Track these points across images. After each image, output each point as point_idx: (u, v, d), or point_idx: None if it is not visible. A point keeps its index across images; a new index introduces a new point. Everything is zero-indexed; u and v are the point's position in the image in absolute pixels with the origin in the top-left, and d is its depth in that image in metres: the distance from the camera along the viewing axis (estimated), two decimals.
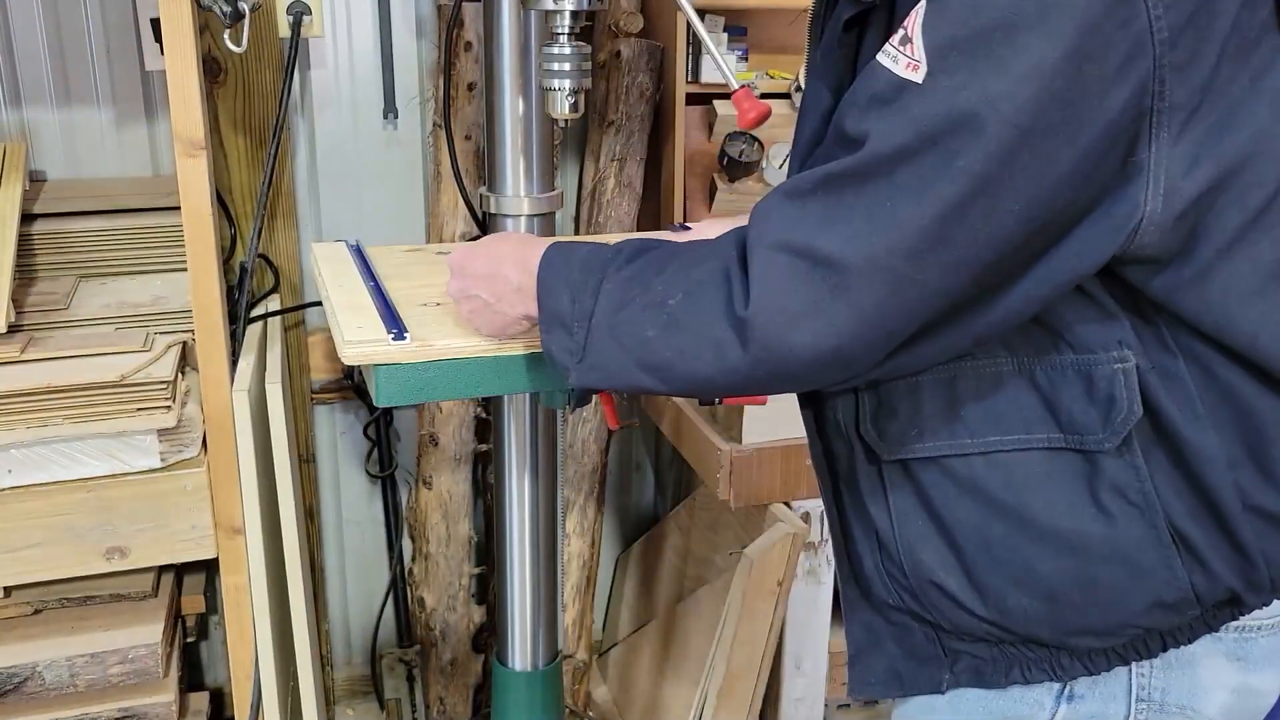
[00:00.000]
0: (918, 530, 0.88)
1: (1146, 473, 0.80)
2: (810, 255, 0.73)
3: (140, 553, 1.43)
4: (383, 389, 1.03)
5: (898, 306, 0.73)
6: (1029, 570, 0.83)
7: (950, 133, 0.69)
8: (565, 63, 1.30)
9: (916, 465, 0.87)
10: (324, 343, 2.01)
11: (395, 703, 2.24)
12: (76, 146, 1.83)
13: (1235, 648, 0.86)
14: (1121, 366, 0.78)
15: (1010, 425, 0.82)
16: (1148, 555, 0.81)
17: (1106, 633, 0.85)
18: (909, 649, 0.94)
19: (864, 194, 0.72)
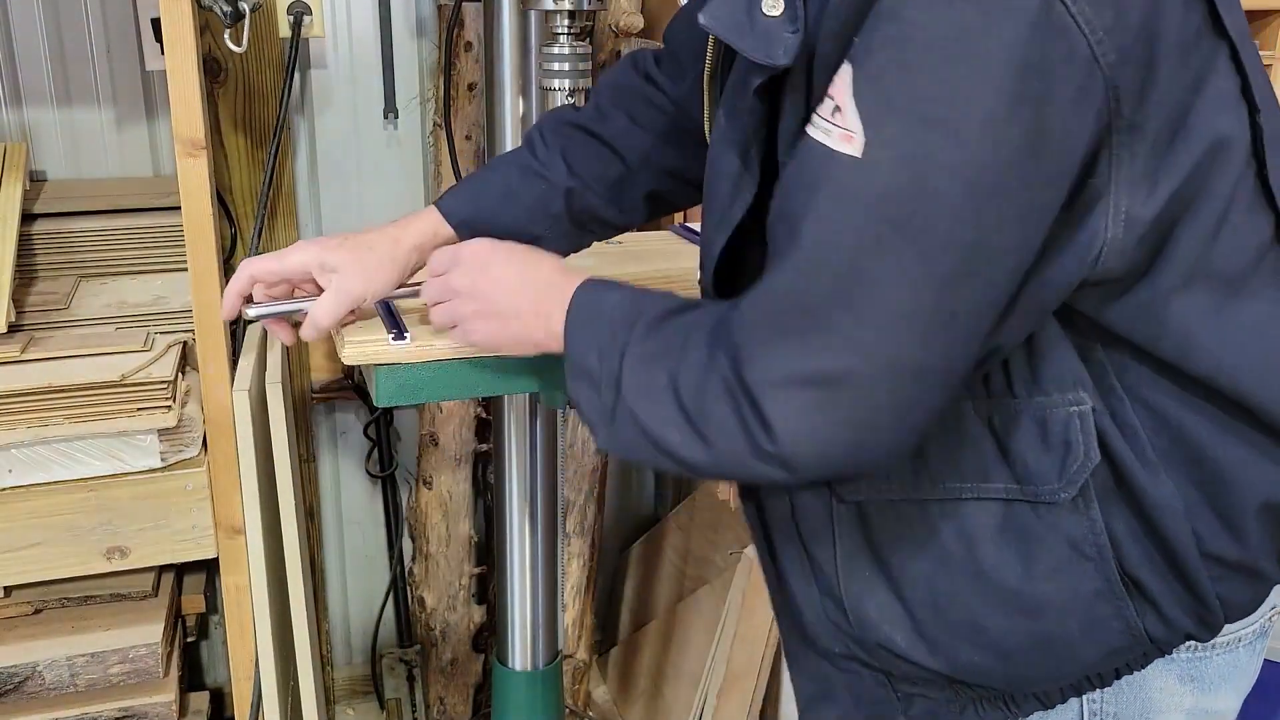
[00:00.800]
0: (864, 580, 0.84)
1: (1102, 525, 0.76)
2: (820, 381, 0.68)
3: (140, 553, 1.43)
4: (383, 389, 1.04)
5: (924, 391, 0.69)
6: (979, 629, 0.80)
7: (911, 212, 0.64)
8: (565, 63, 1.30)
9: (872, 509, 0.82)
10: (324, 343, 2.00)
11: (395, 703, 2.24)
12: (76, 146, 1.83)
13: (1188, 668, 0.83)
14: (1077, 410, 0.75)
15: (968, 472, 0.78)
16: (1101, 607, 0.78)
17: (1060, 679, 0.83)
18: (860, 696, 0.90)
19: (851, 298, 0.67)
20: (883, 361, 0.67)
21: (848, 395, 0.68)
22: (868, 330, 0.66)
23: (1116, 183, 0.68)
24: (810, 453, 0.70)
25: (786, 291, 0.70)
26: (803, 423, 0.69)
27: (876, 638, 0.84)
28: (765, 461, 0.71)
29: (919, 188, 0.64)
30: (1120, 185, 0.68)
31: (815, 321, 0.68)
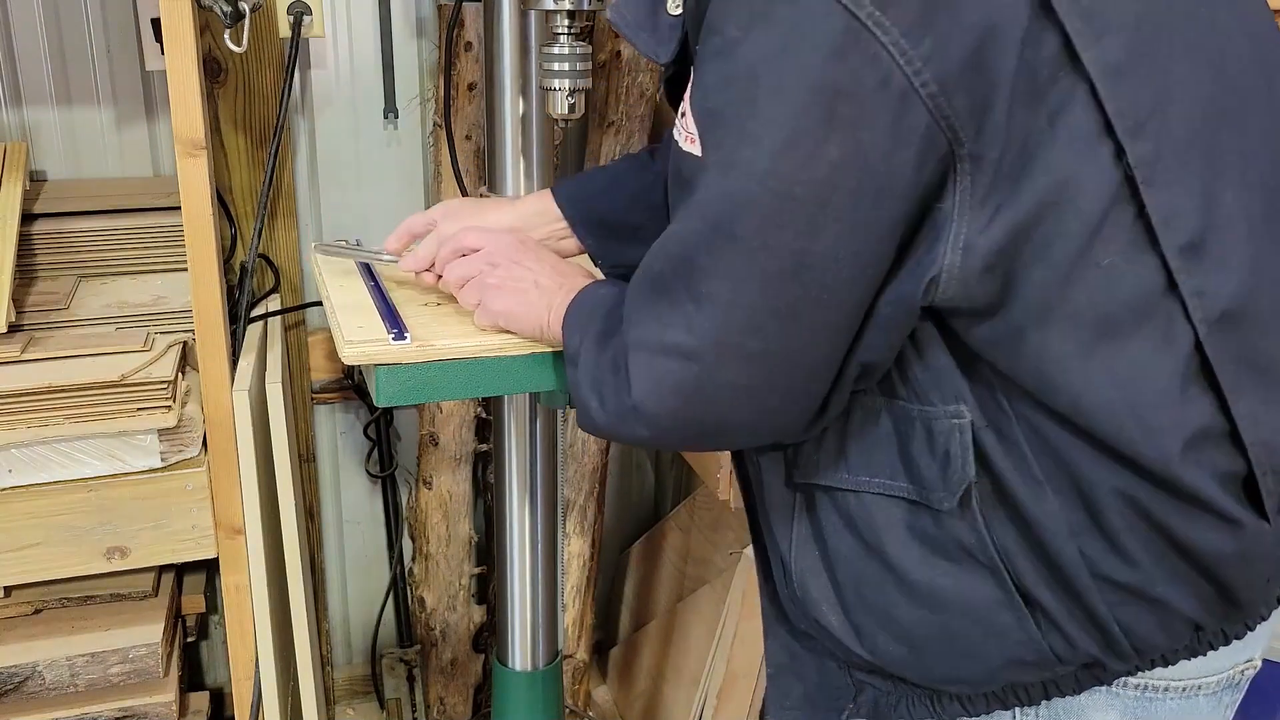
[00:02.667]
0: (810, 561, 0.88)
1: (988, 537, 0.78)
2: (665, 350, 0.76)
3: (140, 553, 1.43)
4: (383, 389, 1.04)
5: (766, 377, 0.75)
6: (891, 617, 0.83)
7: (731, 215, 0.70)
8: (565, 63, 1.30)
9: (816, 494, 0.87)
10: (324, 343, 2.01)
11: (395, 703, 2.24)
12: (76, 146, 1.83)
13: (1135, 707, 0.81)
14: (957, 423, 0.76)
15: (878, 469, 0.82)
16: (1001, 615, 0.78)
17: (974, 682, 0.83)
18: (822, 674, 0.94)
19: (690, 285, 0.74)
20: (713, 343, 0.74)
21: (688, 369, 0.75)
22: (703, 314, 0.74)
23: (959, 210, 0.69)
24: (658, 413, 0.78)
25: (648, 270, 0.79)
26: (650, 384, 0.78)
27: (817, 616, 0.88)
28: (632, 416, 0.80)
29: (737, 193, 0.69)
30: (962, 212, 0.69)
31: (667, 299, 0.76)
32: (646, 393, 0.78)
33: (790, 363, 0.74)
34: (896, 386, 0.79)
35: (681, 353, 0.75)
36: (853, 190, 0.67)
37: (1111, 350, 0.71)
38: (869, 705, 0.91)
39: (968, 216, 0.69)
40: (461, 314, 1.11)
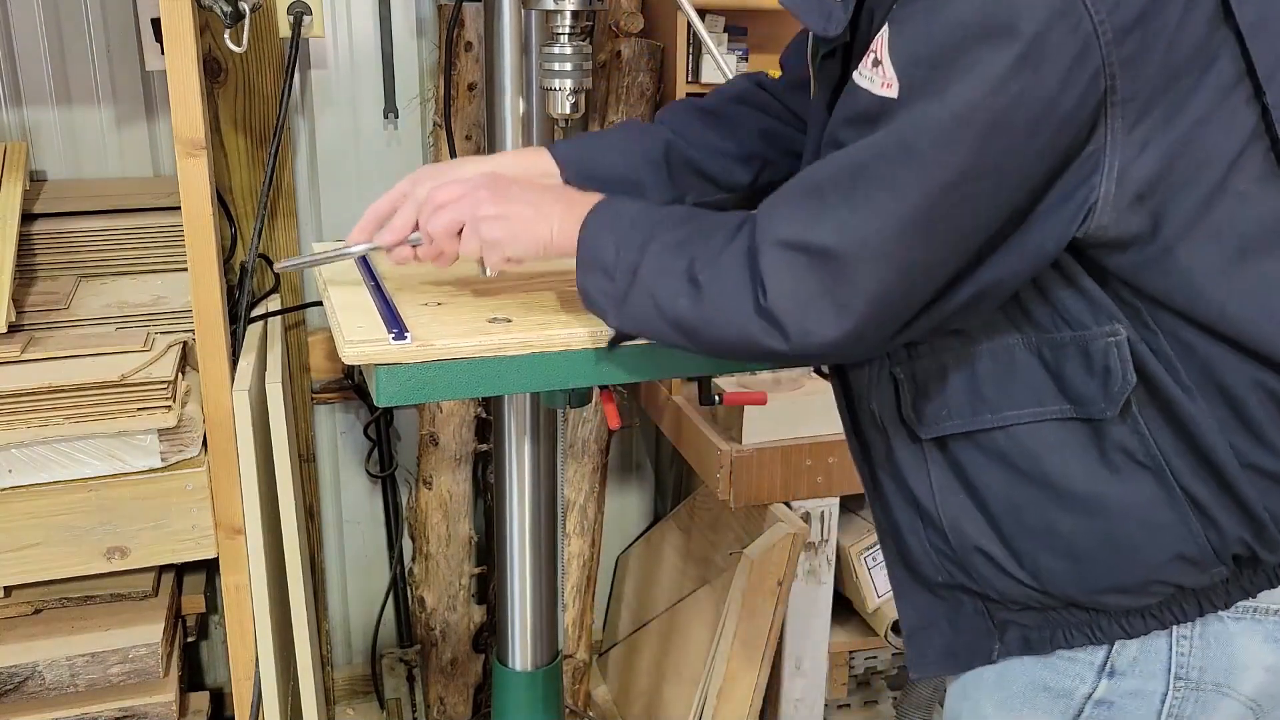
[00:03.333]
0: (958, 502, 0.94)
1: (1150, 437, 0.86)
2: (808, 249, 0.82)
3: (140, 553, 1.43)
4: (383, 389, 1.03)
5: (896, 285, 0.81)
6: (1053, 532, 0.89)
7: (912, 132, 0.78)
8: (565, 63, 1.30)
9: (951, 442, 0.93)
10: (324, 343, 2.01)
11: (395, 703, 2.24)
12: (76, 146, 1.83)
13: (1275, 629, 0.90)
14: (1114, 340, 0.85)
15: (1023, 400, 0.89)
16: (1162, 513, 0.86)
17: (1135, 589, 0.89)
18: (960, 626, 0.99)
19: (852, 190, 0.81)
20: (860, 244, 0.80)
21: (830, 268, 0.81)
22: (858, 218, 0.80)
23: (1112, 145, 0.79)
24: (793, 316, 0.83)
25: (806, 177, 0.84)
26: (788, 283, 0.83)
27: (976, 546, 0.93)
28: (761, 317, 0.84)
29: (926, 119, 0.78)
30: (1114, 147, 0.79)
31: (819, 200, 0.82)
32: (785, 294, 0.83)
33: (926, 274, 0.81)
34: (1042, 322, 0.87)
35: (825, 254, 0.81)
36: (1022, 119, 0.76)
37: (1251, 265, 0.82)
38: (1018, 643, 0.96)
39: (1120, 150, 0.79)
40: (461, 314, 1.11)
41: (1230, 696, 0.91)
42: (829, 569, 1.96)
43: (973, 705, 1.01)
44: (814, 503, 1.90)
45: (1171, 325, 0.85)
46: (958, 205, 0.79)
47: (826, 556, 1.95)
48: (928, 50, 0.78)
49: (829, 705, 2.17)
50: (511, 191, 1.03)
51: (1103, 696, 0.94)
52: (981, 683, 1.00)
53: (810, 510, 1.91)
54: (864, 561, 2.02)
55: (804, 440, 1.86)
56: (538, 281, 1.24)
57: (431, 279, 1.24)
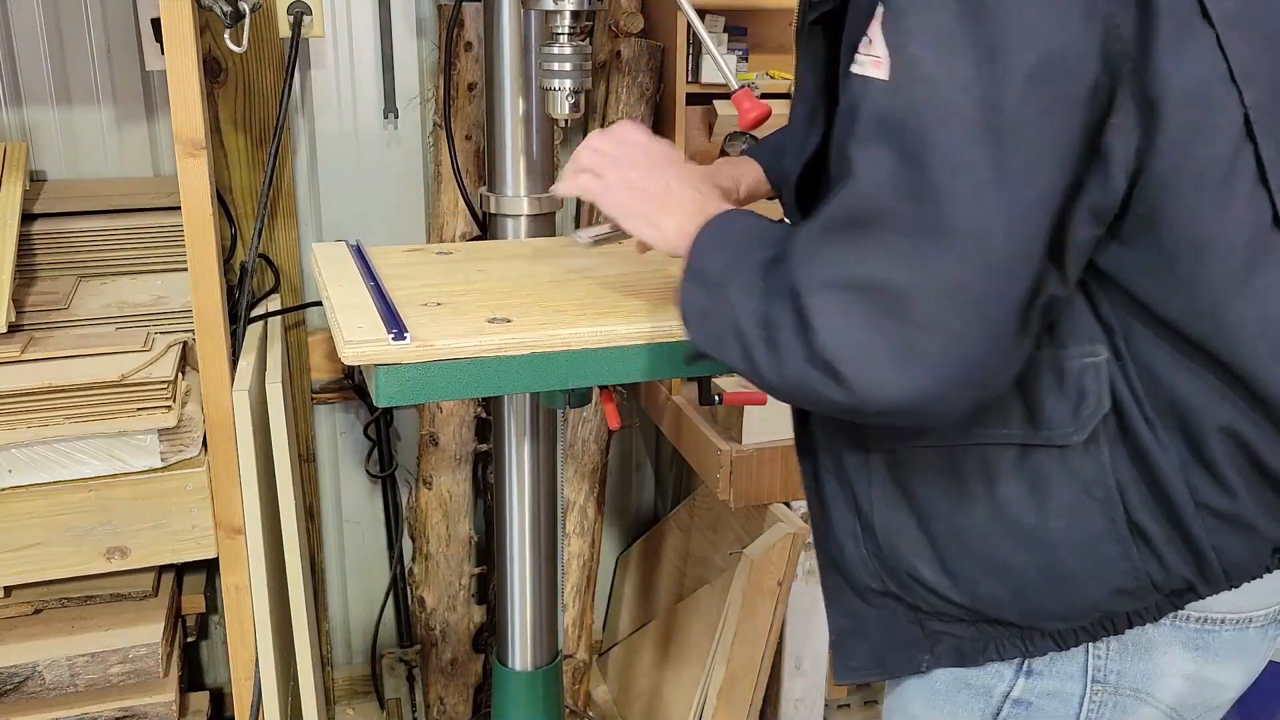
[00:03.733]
0: (897, 520, 0.91)
1: (1110, 468, 0.83)
2: (858, 286, 0.73)
3: (140, 553, 1.43)
4: (383, 389, 1.04)
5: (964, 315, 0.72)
6: (997, 561, 0.87)
7: (925, 125, 0.71)
8: (565, 63, 1.30)
9: (904, 453, 0.90)
10: (324, 343, 2.01)
11: (395, 703, 2.24)
12: (76, 146, 1.83)
13: (1195, 638, 0.89)
14: (1092, 361, 0.82)
15: (992, 419, 0.85)
16: (1108, 547, 0.84)
17: (1072, 617, 0.88)
18: (891, 633, 0.98)
19: (892, 218, 0.72)
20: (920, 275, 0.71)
21: (883, 301, 0.72)
22: (914, 245, 0.71)
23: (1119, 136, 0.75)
24: (854, 360, 0.73)
25: (836, 208, 0.76)
26: (842, 324, 0.73)
27: (908, 570, 0.91)
28: (817, 369, 0.75)
29: (934, 104, 0.71)
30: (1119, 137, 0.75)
31: (859, 231, 0.74)
32: (840, 337, 0.74)
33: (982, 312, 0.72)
34: None
35: (875, 287, 0.72)
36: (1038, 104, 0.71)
37: (1255, 277, 0.79)
38: (950, 653, 0.95)
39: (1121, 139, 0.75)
40: (461, 314, 1.12)
41: (1148, 703, 0.91)
42: None
43: (902, 704, 1.02)
44: None
45: (1145, 352, 0.82)
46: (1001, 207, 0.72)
47: None
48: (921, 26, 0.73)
49: (829, 705, 2.17)
50: (663, 171, 1.01)
51: (1020, 696, 0.93)
52: (907, 683, 1.00)
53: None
54: None
55: None
56: (538, 281, 1.24)
57: (431, 280, 1.24)
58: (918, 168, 0.71)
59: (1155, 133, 0.76)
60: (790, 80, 1.99)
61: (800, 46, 0.95)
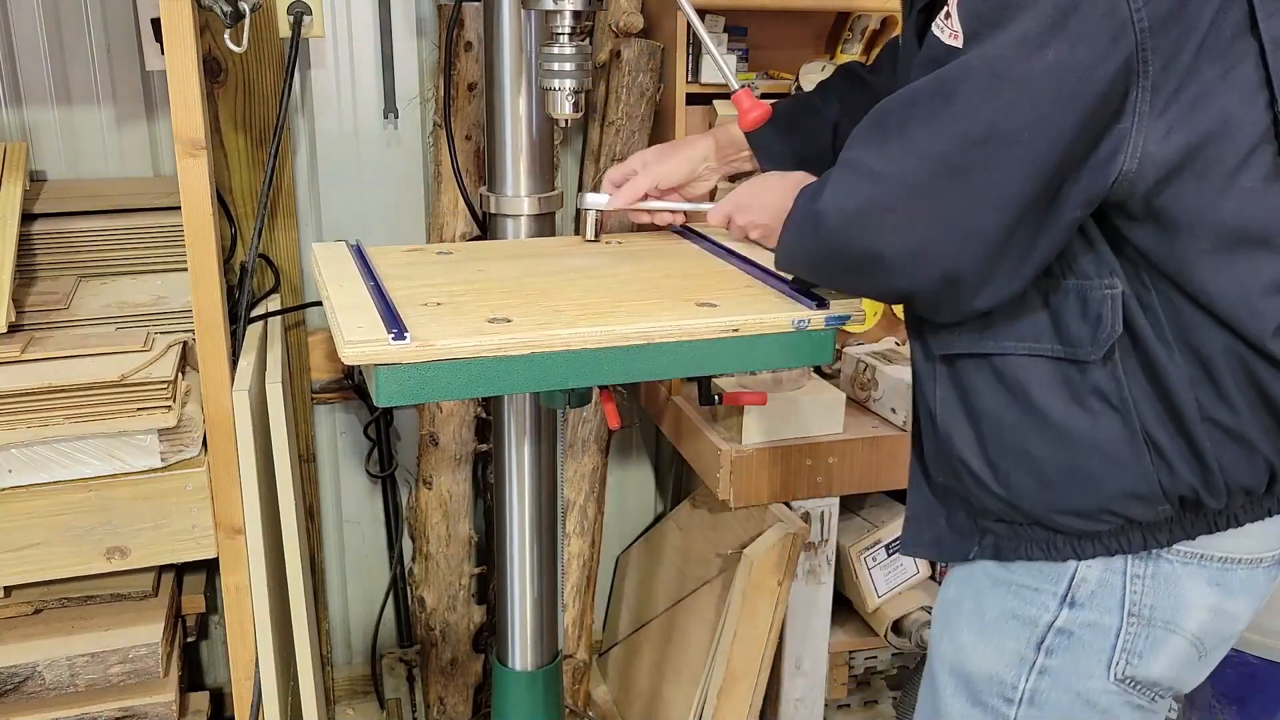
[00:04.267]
0: (954, 415, 1.06)
1: (1125, 382, 0.97)
2: (861, 169, 0.94)
3: (140, 553, 1.43)
4: (383, 389, 1.04)
5: (928, 218, 0.91)
6: (1028, 454, 1.01)
7: (956, 81, 0.88)
8: (566, 63, 1.30)
9: (958, 360, 1.05)
10: (324, 343, 2.01)
11: (395, 703, 2.24)
12: (76, 146, 1.83)
13: (1216, 575, 1.02)
14: (1109, 292, 0.95)
15: (1024, 335, 1.00)
16: (1123, 451, 0.98)
17: (1089, 515, 1.01)
18: (951, 524, 1.13)
19: (902, 126, 0.92)
20: (897, 174, 0.92)
21: (869, 189, 0.93)
22: (902, 150, 0.91)
23: (1138, 126, 0.88)
24: (832, 216, 0.96)
25: (877, 111, 0.96)
26: (837, 193, 0.96)
27: (960, 458, 1.06)
28: (812, 218, 0.98)
29: (967, 67, 0.88)
30: (1140, 129, 0.88)
31: (879, 133, 0.94)
32: (830, 199, 0.96)
33: (947, 219, 0.91)
34: (1050, 268, 0.97)
35: (871, 175, 0.93)
36: (1053, 89, 0.85)
37: (1241, 256, 0.92)
38: (991, 548, 1.09)
39: (1145, 132, 0.88)
40: (461, 314, 1.12)
41: (1177, 634, 1.03)
42: (829, 569, 1.96)
43: (952, 633, 1.13)
44: (814, 503, 1.90)
45: (1163, 286, 0.95)
46: (986, 161, 0.88)
47: (826, 556, 1.95)
48: (985, 6, 0.87)
49: (829, 705, 2.17)
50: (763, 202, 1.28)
51: (1063, 625, 1.05)
52: (961, 611, 1.12)
53: (810, 510, 1.91)
54: (864, 561, 2.02)
55: (804, 440, 1.86)
56: (538, 281, 1.24)
57: (431, 280, 1.24)
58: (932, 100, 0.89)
59: (1174, 129, 0.88)
60: (791, 80, 1.99)
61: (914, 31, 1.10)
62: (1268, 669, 1.64)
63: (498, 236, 1.50)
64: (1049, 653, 1.06)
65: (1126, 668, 1.04)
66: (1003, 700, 1.09)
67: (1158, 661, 1.03)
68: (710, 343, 1.12)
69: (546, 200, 1.48)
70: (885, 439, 1.89)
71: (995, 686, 1.09)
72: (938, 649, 1.16)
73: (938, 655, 1.16)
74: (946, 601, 1.16)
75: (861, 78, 1.40)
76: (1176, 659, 1.04)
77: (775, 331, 1.15)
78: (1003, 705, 1.09)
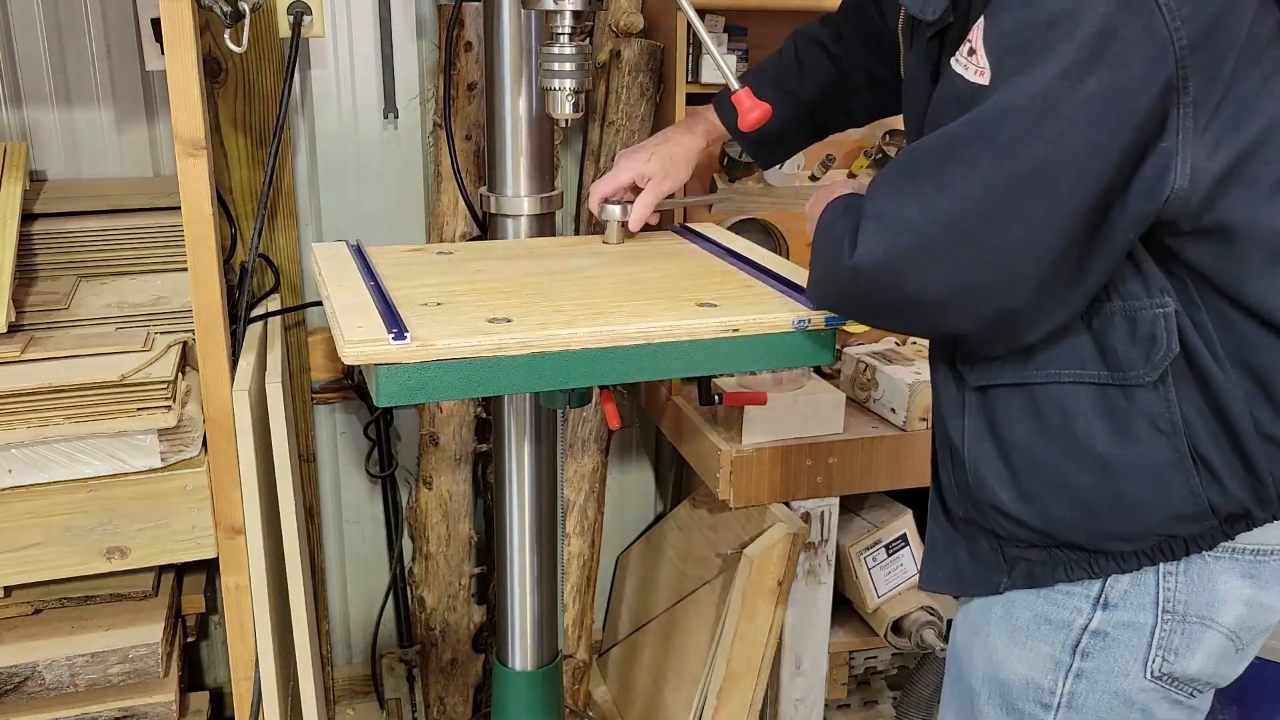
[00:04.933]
0: (983, 450, 1.04)
1: (1176, 403, 0.95)
2: (895, 222, 0.91)
3: (140, 553, 1.43)
4: (383, 389, 1.04)
5: (970, 260, 0.89)
6: (1068, 487, 0.99)
7: (997, 121, 0.86)
8: (566, 63, 1.30)
9: (992, 391, 1.03)
10: (324, 343, 2.01)
11: (395, 703, 2.24)
12: (76, 146, 1.83)
13: (1249, 568, 1.01)
14: (1162, 311, 0.94)
15: (1068, 362, 0.98)
16: (1170, 475, 0.96)
17: (1134, 539, 0.99)
18: (974, 555, 1.10)
19: (940, 170, 0.89)
20: (941, 221, 0.89)
21: (908, 239, 0.91)
22: (942, 196, 0.89)
23: (1184, 143, 0.86)
24: (869, 270, 0.94)
25: (905, 158, 0.94)
26: (872, 247, 0.93)
27: (989, 497, 1.04)
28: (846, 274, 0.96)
29: (1007, 104, 0.86)
30: (1185, 144, 0.87)
31: (911, 183, 0.91)
32: (865, 254, 0.93)
33: (997, 257, 0.89)
34: (1095, 294, 0.95)
35: (909, 227, 0.90)
36: (1099, 117, 0.84)
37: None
38: (1024, 576, 1.07)
39: (1191, 148, 0.87)
40: (461, 314, 1.12)
41: (1213, 629, 1.02)
42: (829, 569, 1.96)
43: (982, 639, 1.11)
44: (814, 503, 1.90)
45: (1213, 300, 0.94)
46: (1035, 197, 0.86)
47: (826, 556, 1.95)
48: (1016, 42, 0.85)
49: (829, 705, 2.17)
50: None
51: (1098, 627, 1.04)
52: (990, 618, 1.10)
53: (810, 510, 1.91)
54: (864, 561, 2.02)
55: (804, 440, 1.86)
56: (538, 281, 1.24)
57: (431, 280, 1.24)
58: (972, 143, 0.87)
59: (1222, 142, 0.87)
60: None
61: (916, 57, 1.08)
62: (1268, 669, 1.64)
63: (498, 236, 1.50)
64: (1085, 655, 1.04)
65: (1164, 665, 1.02)
66: (1040, 706, 1.07)
67: (1195, 657, 1.02)
68: (710, 343, 1.12)
69: (546, 200, 1.48)
70: (885, 439, 1.89)
71: (1032, 692, 1.07)
72: (968, 659, 1.13)
73: (969, 665, 1.13)
74: (974, 610, 1.13)
75: (829, 52, 1.39)
76: (1214, 654, 1.03)
77: (775, 331, 1.15)
78: (1040, 711, 1.07)
